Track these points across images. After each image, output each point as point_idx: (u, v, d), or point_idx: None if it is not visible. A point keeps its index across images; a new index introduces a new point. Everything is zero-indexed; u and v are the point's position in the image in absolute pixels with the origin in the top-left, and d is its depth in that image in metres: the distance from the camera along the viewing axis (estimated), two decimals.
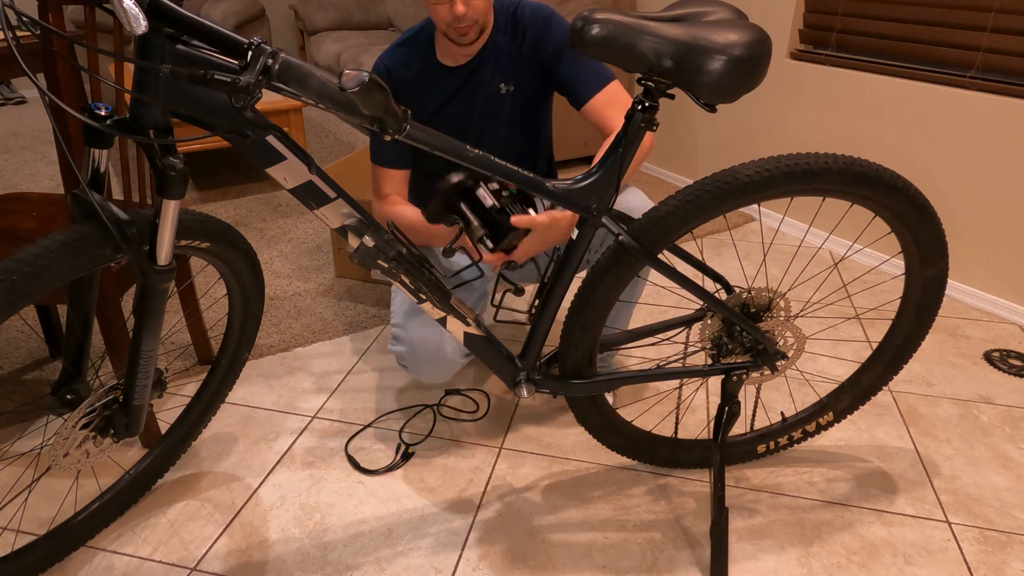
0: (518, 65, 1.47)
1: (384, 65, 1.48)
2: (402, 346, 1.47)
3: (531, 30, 1.45)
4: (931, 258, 1.27)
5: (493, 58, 1.46)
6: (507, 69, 1.47)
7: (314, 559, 1.30)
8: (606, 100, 1.44)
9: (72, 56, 1.21)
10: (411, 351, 1.45)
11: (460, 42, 1.38)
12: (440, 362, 1.45)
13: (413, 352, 1.45)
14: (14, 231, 1.49)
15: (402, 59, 1.47)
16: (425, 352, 1.44)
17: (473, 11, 1.32)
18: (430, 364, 1.45)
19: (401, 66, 1.47)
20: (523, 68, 1.47)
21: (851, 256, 2.54)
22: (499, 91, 1.48)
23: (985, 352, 1.96)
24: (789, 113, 2.68)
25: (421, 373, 1.48)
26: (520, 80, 1.48)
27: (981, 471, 1.52)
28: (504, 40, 1.46)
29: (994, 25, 2.06)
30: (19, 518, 1.37)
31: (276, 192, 3.13)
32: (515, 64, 1.47)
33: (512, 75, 1.48)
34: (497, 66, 1.47)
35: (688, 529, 1.37)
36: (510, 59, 1.47)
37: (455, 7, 1.30)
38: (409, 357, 1.46)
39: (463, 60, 1.46)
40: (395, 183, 1.51)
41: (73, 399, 1.13)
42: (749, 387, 1.77)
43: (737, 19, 1.06)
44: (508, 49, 1.46)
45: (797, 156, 1.13)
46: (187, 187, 0.99)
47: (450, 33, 1.36)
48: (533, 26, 1.45)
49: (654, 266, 1.17)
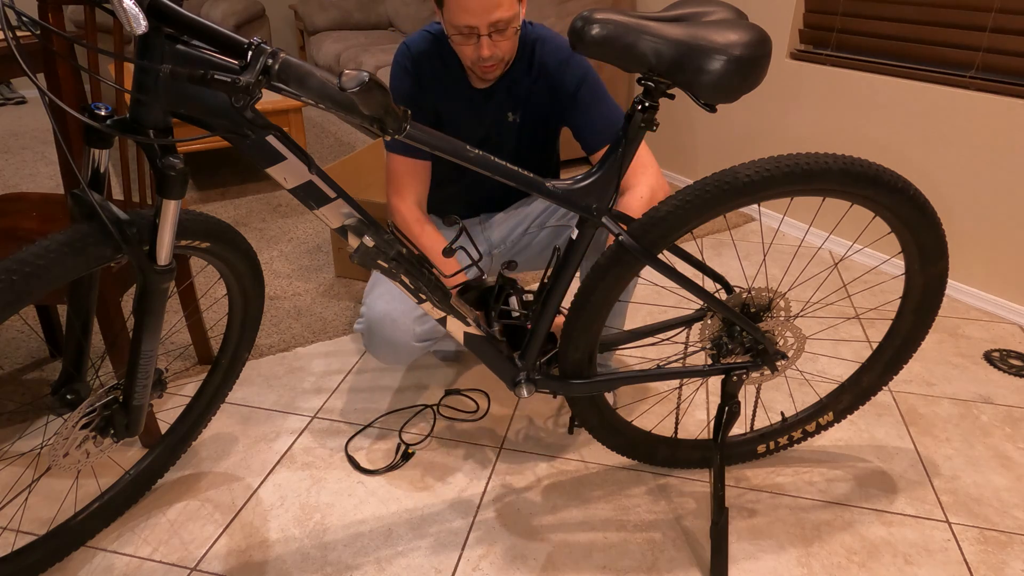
0: (529, 100, 1.47)
1: (408, 48, 1.45)
2: (362, 324, 1.47)
3: (548, 69, 1.44)
4: (931, 258, 1.27)
5: (506, 85, 1.46)
6: (517, 100, 1.47)
7: (314, 559, 1.30)
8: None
9: (72, 56, 1.21)
10: (367, 328, 1.45)
11: (484, 78, 1.39)
12: (394, 343, 1.43)
13: (369, 329, 1.44)
14: (14, 231, 1.49)
15: (429, 50, 1.45)
16: (380, 330, 1.43)
17: (500, 52, 1.31)
18: (384, 343, 1.44)
19: (426, 56, 1.45)
20: (533, 104, 1.47)
21: (851, 256, 2.54)
22: (506, 118, 1.49)
23: (985, 352, 1.96)
24: (789, 113, 2.68)
25: (376, 352, 1.47)
26: (528, 113, 1.49)
27: (981, 471, 1.52)
28: (520, 72, 1.45)
29: (994, 25, 2.06)
30: (19, 518, 1.37)
31: (276, 192, 3.13)
32: (526, 98, 1.47)
33: (521, 107, 1.48)
34: (508, 94, 1.47)
35: (688, 529, 1.37)
36: (522, 92, 1.46)
37: (481, 50, 1.29)
38: (366, 335, 1.46)
39: (483, 85, 1.46)
40: (417, 177, 1.48)
41: (73, 399, 1.13)
42: (749, 387, 1.77)
43: (737, 19, 1.06)
44: (522, 81, 1.46)
45: (797, 156, 1.13)
46: (187, 187, 0.99)
47: (476, 70, 1.36)
48: (551, 66, 1.44)
49: (654, 266, 1.17)
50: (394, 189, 1.49)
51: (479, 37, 1.28)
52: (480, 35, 1.28)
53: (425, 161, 1.48)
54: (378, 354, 1.47)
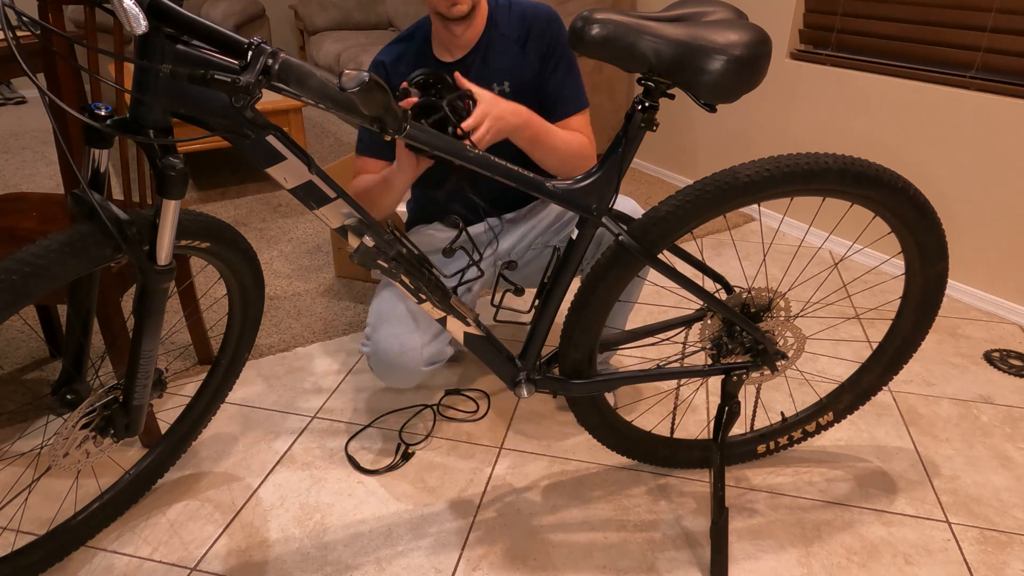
0: (518, 65, 1.46)
1: (380, 61, 1.48)
2: (368, 347, 1.47)
3: (535, 30, 1.44)
4: (931, 258, 1.27)
5: (489, 55, 1.45)
6: (504, 67, 1.46)
7: (314, 559, 1.30)
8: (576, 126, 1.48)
9: (72, 56, 1.21)
10: (375, 354, 1.44)
11: (451, 14, 1.35)
12: (402, 369, 1.43)
13: (377, 355, 1.44)
14: (14, 231, 1.49)
15: (398, 54, 1.48)
16: (388, 357, 1.42)
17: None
18: (393, 369, 1.44)
19: (396, 61, 1.47)
20: (523, 68, 1.47)
21: (851, 256, 2.54)
22: (492, 90, 1.48)
23: (985, 352, 1.96)
24: (789, 113, 2.68)
25: (384, 378, 1.47)
26: (518, 80, 1.47)
27: (981, 471, 1.52)
28: (503, 38, 1.45)
29: (994, 25, 2.06)
30: (19, 518, 1.37)
31: (276, 192, 3.13)
32: (515, 63, 1.46)
33: (510, 74, 1.47)
34: (493, 64, 1.46)
35: (688, 529, 1.37)
36: (510, 58, 1.46)
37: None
38: (373, 359, 1.46)
39: (459, 54, 1.45)
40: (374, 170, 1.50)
41: (73, 399, 1.13)
42: (749, 387, 1.77)
43: (737, 19, 1.06)
44: (507, 47, 1.45)
45: (797, 156, 1.13)
46: (187, 187, 0.99)
47: (440, 7, 1.34)
48: (537, 26, 1.44)
49: (654, 266, 1.17)
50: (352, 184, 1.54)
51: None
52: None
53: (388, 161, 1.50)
54: (385, 379, 1.48)
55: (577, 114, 1.48)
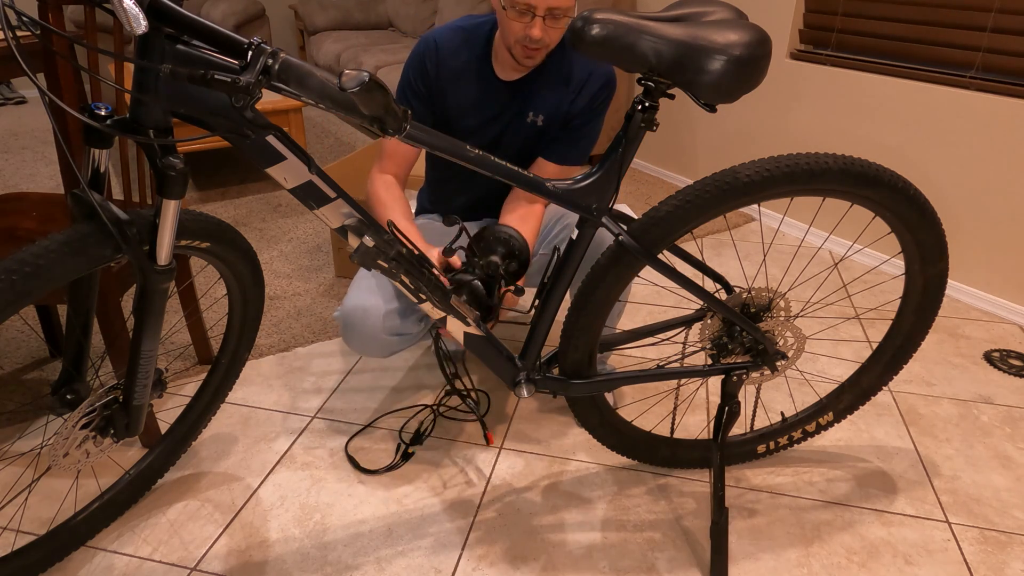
0: (560, 106, 1.47)
1: (435, 40, 1.45)
2: (338, 312, 1.46)
3: (591, 86, 1.46)
4: (931, 258, 1.27)
5: (539, 85, 1.46)
6: (547, 103, 1.47)
7: (314, 559, 1.30)
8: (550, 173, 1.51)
9: (72, 56, 1.21)
10: (341, 316, 1.43)
11: (523, 63, 1.38)
12: (364, 334, 1.41)
13: (343, 317, 1.43)
14: (14, 231, 1.49)
15: (456, 43, 1.45)
16: (352, 319, 1.41)
17: (547, 38, 1.32)
18: (357, 334, 1.42)
19: (452, 50, 1.45)
20: (561, 111, 1.48)
21: (851, 256, 2.54)
22: (527, 119, 1.48)
23: (985, 352, 1.96)
24: (789, 113, 2.68)
25: (350, 342, 1.45)
26: (551, 118, 1.49)
27: (981, 471, 1.52)
28: (559, 75, 1.45)
29: (994, 25, 2.06)
30: (19, 518, 1.37)
31: (276, 192, 3.13)
32: (558, 104, 1.47)
33: (549, 110, 1.48)
34: (539, 95, 1.46)
35: (688, 529, 1.37)
36: (556, 96, 1.46)
37: (532, 29, 1.29)
38: (341, 324, 1.44)
39: (516, 76, 1.45)
40: (401, 160, 1.49)
41: (73, 399, 1.13)
42: (749, 387, 1.77)
43: (737, 19, 1.06)
44: (559, 85, 1.46)
45: (797, 156, 1.13)
46: (187, 187, 0.99)
47: (516, 50, 1.35)
48: (594, 83, 1.46)
49: (654, 266, 1.17)
50: (379, 161, 1.52)
51: (533, 17, 1.28)
52: (535, 15, 1.28)
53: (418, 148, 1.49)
54: (351, 344, 1.45)
55: (567, 166, 1.51)
